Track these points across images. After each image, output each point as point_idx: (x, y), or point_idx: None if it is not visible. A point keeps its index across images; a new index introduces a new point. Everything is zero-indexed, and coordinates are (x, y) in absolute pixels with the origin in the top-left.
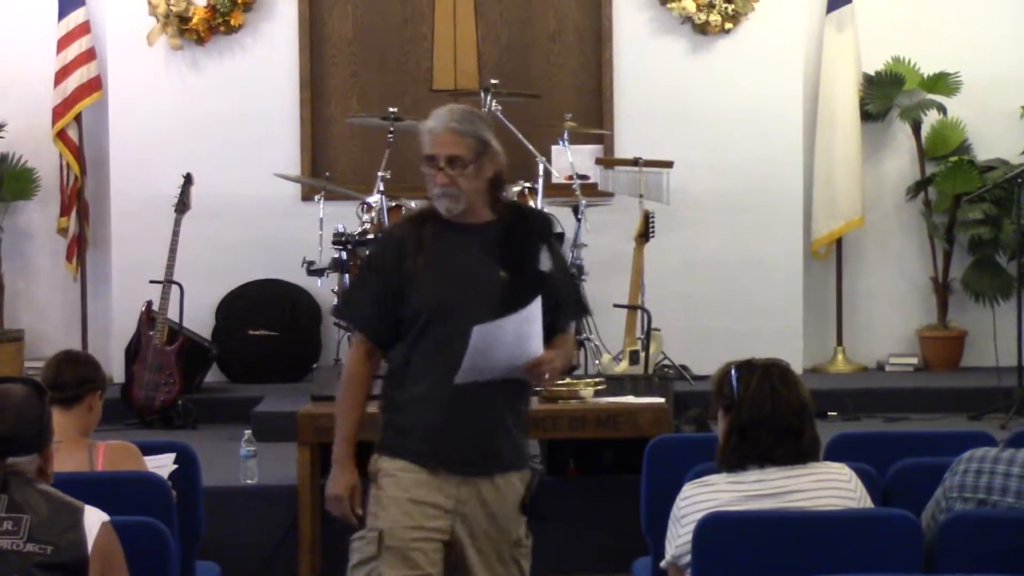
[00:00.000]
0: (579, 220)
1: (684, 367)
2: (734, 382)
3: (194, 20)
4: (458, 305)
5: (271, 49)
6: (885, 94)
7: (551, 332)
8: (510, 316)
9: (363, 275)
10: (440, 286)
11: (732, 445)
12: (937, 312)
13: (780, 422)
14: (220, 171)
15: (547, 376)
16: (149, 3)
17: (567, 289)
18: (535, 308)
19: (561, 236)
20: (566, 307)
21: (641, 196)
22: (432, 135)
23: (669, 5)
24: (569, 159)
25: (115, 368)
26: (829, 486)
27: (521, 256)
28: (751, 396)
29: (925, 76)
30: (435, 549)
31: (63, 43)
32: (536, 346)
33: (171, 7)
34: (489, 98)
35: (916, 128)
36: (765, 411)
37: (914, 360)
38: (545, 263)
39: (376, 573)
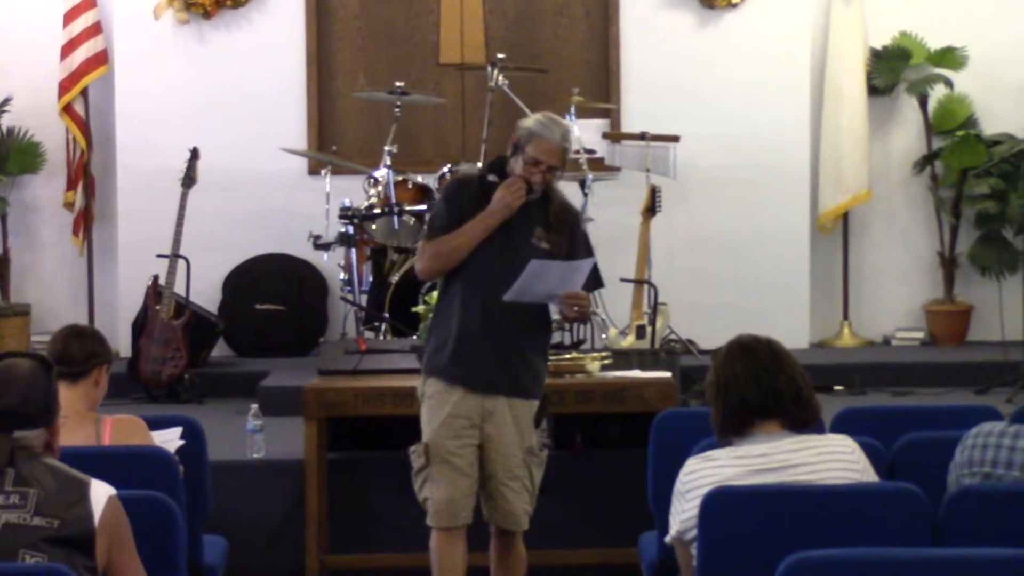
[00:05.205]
0: (586, 195)
1: (691, 341)
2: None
3: None
4: (500, 248)
5: (278, 23)
6: (892, 68)
7: None
8: (564, 262)
9: (440, 208)
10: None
11: (715, 421)
12: (943, 286)
13: (746, 393)
14: (226, 145)
15: (576, 309)
16: None
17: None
18: (585, 264)
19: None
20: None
21: (648, 170)
22: (545, 144)
23: None
24: (576, 133)
25: (122, 342)
26: (833, 459)
27: (548, 226)
28: (719, 373)
29: (932, 50)
30: (471, 454)
31: (69, 17)
32: (576, 286)
33: None
34: (496, 72)
35: (923, 102)
36: (734, 385)
37: (920, 334)
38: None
39: (428, 477)
